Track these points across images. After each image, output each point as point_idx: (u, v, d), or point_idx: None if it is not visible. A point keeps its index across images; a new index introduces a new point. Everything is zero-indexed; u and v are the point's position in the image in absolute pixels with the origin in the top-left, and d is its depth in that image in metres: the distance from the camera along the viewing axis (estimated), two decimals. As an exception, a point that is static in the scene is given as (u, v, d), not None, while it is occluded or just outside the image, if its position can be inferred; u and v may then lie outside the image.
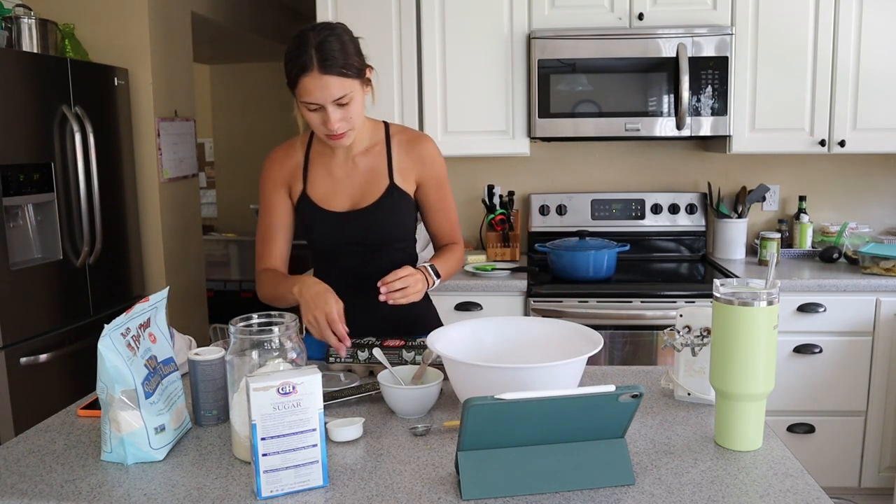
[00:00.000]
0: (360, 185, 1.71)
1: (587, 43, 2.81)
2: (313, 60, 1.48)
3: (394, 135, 1.74)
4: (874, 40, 2.82)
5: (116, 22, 3.42)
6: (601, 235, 3.11)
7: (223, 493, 1.10)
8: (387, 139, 1.73)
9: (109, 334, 1.17)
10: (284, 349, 1.23)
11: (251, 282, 5.56)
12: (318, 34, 1.51)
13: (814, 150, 2.91)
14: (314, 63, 1.48)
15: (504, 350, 1.50)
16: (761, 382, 1.19)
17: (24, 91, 2.71)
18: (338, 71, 1.50)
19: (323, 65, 1.48)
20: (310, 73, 1.49)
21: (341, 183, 1.71)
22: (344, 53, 1.51)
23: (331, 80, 1.50)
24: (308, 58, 1.49)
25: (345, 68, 1.51)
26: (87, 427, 1.36)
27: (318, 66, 1.48)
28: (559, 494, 1.08)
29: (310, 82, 1.50)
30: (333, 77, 1.50)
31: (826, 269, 2.87)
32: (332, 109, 1.53)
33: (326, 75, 1.49)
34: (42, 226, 2.85)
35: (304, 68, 1.49)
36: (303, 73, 1.50)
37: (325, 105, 1.52)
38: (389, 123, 1.77)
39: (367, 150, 1.72)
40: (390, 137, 1.74)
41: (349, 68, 1.51)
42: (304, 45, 1.50)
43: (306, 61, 1.49)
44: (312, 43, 1.49)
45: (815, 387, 2.75)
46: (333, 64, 1.49)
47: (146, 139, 3.52)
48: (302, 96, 1.53)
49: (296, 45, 1.52)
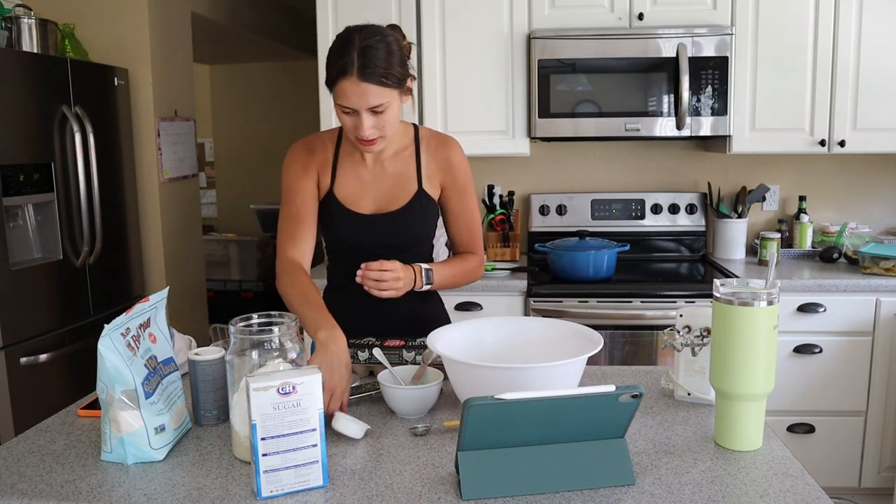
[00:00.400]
0: (388, 189, 1.69)
1: (587, 43, 2.81)
2: (354, 65, 1.45)
3: (423, 138, 1.72)
4: (874, 40, 2.82)
5: (116, 22, 3.42)
6: (601, 235, 3.11)
7: (223, 493, 1.10)
8: (416, 143, 1.71)
9: (109, 334, 1.17)
10: (284, 349, 1.23)
11: (251, 282, 5.57)
12: (365, 38, 1.47)
13: (814, 150, 2.91)
14: (354, 68, 1.45)
15: (504, 350, 1.50)
16: (761, 382, 1.19)
17: (24, 91, 2.71)
18: (377, 80, 1.46)
19: (363, 71, 1.45)
20: (349, 77, 1.45)
21: (369, 185, 1.69)
22: (387, 62, 1.47)
23: (369, 87, 1.46)
24: (349, 61, 1.45)
25: (385, 77, 1.47)
26: (87, 427, 1.36)
27: (357, 71, 1.45)
28: (559, 494, 1.08)
29: (347, 86, 1.46)
30: (372, 85, 1.46)
31: (826, 269, 2.87)
32: (366, 116, 1.50)
33: (365, 82, 1.45)
34: (42, 226, 2.85)
35: (343, 71, 1.46)
36: (342, 76, 1.46)
37: (359, 111, 1.49)
38: (418, 126, 1.74)
39: (397, 153, 1.70)
40: (419, 141, 1.71)
41: (389, 77, 1.47)
42: (347, 47, 1.46)
43: (347, 64, 1.45)
44: (356, 46, 1.46)
45: (815, 387, 2.75)
46: (374, 72, 1.45)
47: (146, 139, 3.52)
48: (338, 98, 1.50)
49: (339, 45, 1.49)
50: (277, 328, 1.23)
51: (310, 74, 4.10)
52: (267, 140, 6.62)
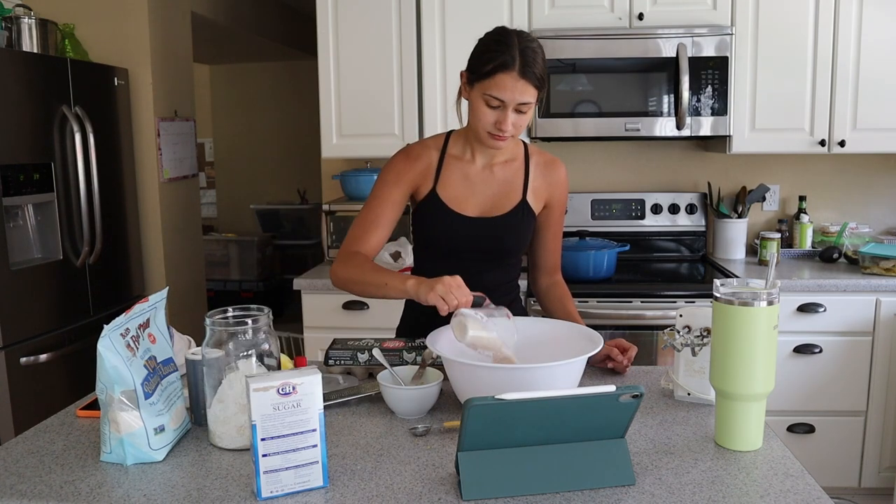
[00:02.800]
0: (493, 195, 1.72)
1: (587, 43, 2.81)
2: (517, 61, 1.52)
3: (532, 154, 1.77)
4: (874, 40, 2.82)
5: (116, 22, 3.42)
6: (601, 235, 3.11)
7: (223, 493, 1.10)
8: (525, 157, 1.76)
9: (109, 335, 1.17)
10: (258, 341, 1.25)
11: (251, 281, 5.58)
12: (523, 40, 1.55)
13: (814, 150, 2.91)
14: (517, 64, 1.52)
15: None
16: (761, 382, 1.19)
17: (24, 91, 2.71)
18: (535, 80, 1.54)
19: (524, 69, 1.52)
20: (510, 71, 1.52)
21: (475, 189, 1.71)
22: (543, 66, 1.56)
23: (526, 85, 1.53)
24: (513, 57, 1.52)
25: (539, 79, 1.55)
26: (87, 427, 1.36)
27: (520, 67, 1.52)
28: (560, 495, 1.08)
29: (507, 80, 1.53)
30: (528, 84, 1.53)
31: (826, 269, 2.87)
32: (511, 112, 1.56)
33: (524, 80, 1.53)
34: (42, 226, 2.85)
35: (505, 65, 1.53)
36: (503, 70, 1.53)
37: (508, 105, 1.55)
38: (527, 144, 1.79)
39: (507, 162, 1.74)
40: (529, 156, 1.76)
41: (541, 81, 1.56)
42: (508, 44, 1.54)
43: (510, 60, 1.52)
44: (517, 45, 1.53)
45: (815, 387, 2.75)
46: (533, 72, 1.53)
47: (146, 139, 3.52)
48: (491, 90, 1.54)
49: (497, 41, 1.56)
50: (251, 321, 1.25)
51: (310, 74, 4.09)
52: (267, 140, 6.63)
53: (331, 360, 1.62)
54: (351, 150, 3.02)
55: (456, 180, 1.71)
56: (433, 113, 2.96)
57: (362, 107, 2.98)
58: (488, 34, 1.60)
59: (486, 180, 1.72)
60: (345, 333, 2.83)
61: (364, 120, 2.99)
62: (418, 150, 1.74)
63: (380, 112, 2.98)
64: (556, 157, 1.79)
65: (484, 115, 1.58)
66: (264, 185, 6.58)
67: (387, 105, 2.97)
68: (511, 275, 1.82)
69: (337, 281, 1.66)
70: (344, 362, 1.61)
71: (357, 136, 3.00)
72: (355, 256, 1.65)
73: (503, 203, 1.71)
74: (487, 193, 1.71)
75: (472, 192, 1.71)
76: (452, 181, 1.71)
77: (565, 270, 2.79)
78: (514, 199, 1.72)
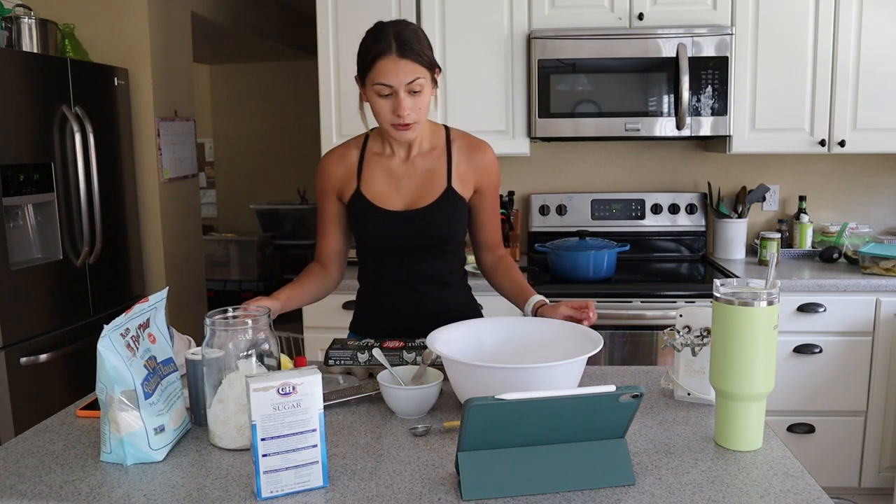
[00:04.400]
0: (417, 186, 1.72)
1: (587, 43, 2.81)
2: (392, 45, 1.55)
3: (454, 139, 1.76)
4: (874, 40, 2.82)
5: (116, 22, 3.42)
6: (601, 235, 3.11)
7: (223, 493, 1.10)
8: (447, 143, 1.75)
9: (109, 335, 1.17)
10: (257, 341, 1.25)
11: (251, 281, 5.59)
12: (396, 25, 1.59)
13: (814, 150, 2.91)
14: (393, 47, 1.55)
15: (504, 350, 1.50)
16: (761, 382, 1.19)
17: (24, 91, 2.71)
18: (414, 56, 1.56)
19: (401, 48, 1.55)
20: (388, 56, 1.55)
21: (399, 182, 1.72)
22: (420, 43, 1.59)
23: (407, 64, 1.56)
24: (387, 43, 1.55)
25: (420, 55, 1.57)
26: (87, 427, 1.36)
27: (396, 49, 1.55)
28: (560, 495, 1.08)
29: (386, 65, 1.55)
30: (409, 62, 1.56)
31: (826, 269, 2.87)
32: (405, 96, 1.57)
33: (403, 59, 1.55)
34: (42, 226, 2.85)
35: (381, 52, 1.55)
36: (380, 56, 1.55)
37: (398, 90, 1.57)
38: (450, 128, 1.79)
39: (427, 152, 1.74)
40: (451, 141, 1.75)
41: (424, 56, 1.58)
42: (382, 33, 1.57)
43: (384, 46, 1.55)
44: (391, 31, 1.57)
45: (815, 387, 2.75)
46: (410, 49, 1.56)
47: (146, 139, 3.52)
48: (376, 79, 1.57)
49: (373, 33, 1.59)
50: (251, 321, 1.25)
51: (310, 74, 4.09)
52: (267, 140, 6.63)
53: (331, 360, 1.62)
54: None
55: (379, 177, 1.72)
56: (433, 112, 2.95)
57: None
58: (367, 31, 1.63)
59: (409, 173, 1.72)
60: (345, 333, 2.82)
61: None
62: (338, 154, 1.76)
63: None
64: (483, 140, 1.78)
65: (381, 107, 1.60)
66: (264, 185, 6.58)
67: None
68: (454, 264, 1.81)
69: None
70: (344, 362, 1.61)
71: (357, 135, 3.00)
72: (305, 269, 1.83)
73: (428, 193, 1.71)
74: (411, 186, 1.72)
75: (396, 186, 1.72)
76: (375, 178, 1.72)
77: (564, 270, 2.81)
78: (439, 188, 1.71)
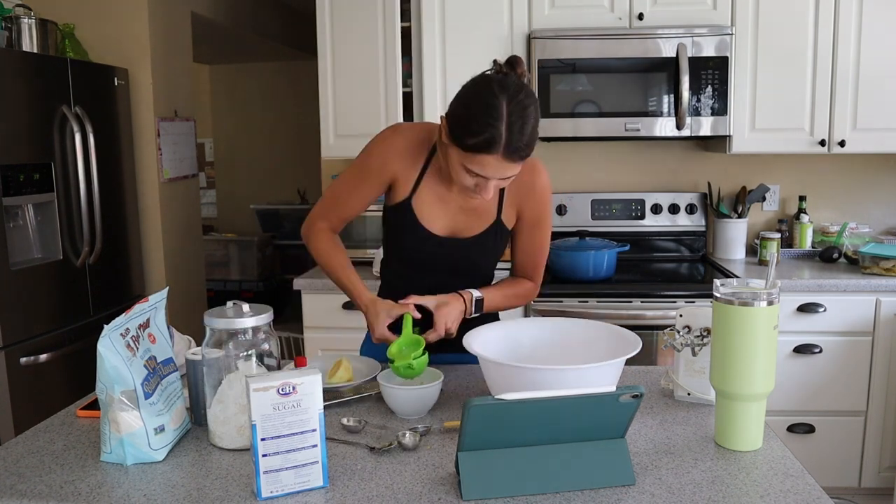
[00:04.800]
0: (466, 218, 1.62)
1: (587, 43, 2.81)
2: (501, 141, 1.35)
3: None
4: (874, 40, 2.82)
5: (116, 22, 3.42)
6: (601, 235, 3.11)
7: (223, 493, 1.10)
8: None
9: (109, 335, 1.17)
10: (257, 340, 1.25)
11: (251, 281, 5.57)
12: (512, 106, 1.35)
13: (814, 150, 2.91)
14: (501, 146, 1.35)
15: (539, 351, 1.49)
16: (761, 382, 1.19)
17: (24, 91, 2.71)
18: (520, 158, 1.39)
19: (510, 150, 1.36)
20: (493, 153, 1.36)
21: (449, 208, 1.61)
22: (532, 137, 1.38)
23: (511, 166, 1.39)
24: (497, 135, 1.34)
25: (527, 154, 1.40)
26: (87, 427, 1.36)
27: (504, 149, 1.35)
28: (560, 495, 1.08)
29: (489, 161, 1.38)
30: (514, 164, 1.39)
31: (826, 269, 2.87)
32: (495, 183, 1.44)
33: (509, 161, 1.38)
34: (42, 226, 2.85)
35: (488, 145, 1.35)
36: (486, 150, 1.36)
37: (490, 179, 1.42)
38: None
39: None
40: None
41: (530, 152, 1.41)
42: (493, 115, 1.34)
43: (494, 139, 1.34)
44: (503, 117, 1.34)
45: (815, 387, 2.75)
46: (520, 153, 1.38)
47: (146, 139, 3.52)
48: (472, 166, 1.40)
49: (483, 109, 1.36)
50: (252, 319, 1.24)
51: (310, 74, 4.09)
52: (267, 140, 6.62)
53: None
54: (348, 150, 3.02)
55: (431, 197, 1.60)
56: (433, 112, 2.95)
57: (358, 107, 2.99)
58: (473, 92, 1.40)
59: (461, 205, 1.61)
60: (344, 333, 2.83)
61: (358, 120, 2.99)
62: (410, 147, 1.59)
63: (382, 111, 2.99)
64: (537, 160, 1.60)
65: (462, 177, 1.44)
66: (264, 185, 6.58)
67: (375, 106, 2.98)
68: (483, 282, 1.73)
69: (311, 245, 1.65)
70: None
71: (353, 136, 3.00)
72: (333, 236, 1.67)
73: (475, 225, 1.62)
74: (461, 216, 1.62)
75: (446, 211, 1.61)
76: (428, 196, 1.60)
77: (564, 270, 2.81)
78: (487, 221, 1.62)
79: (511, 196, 1.62)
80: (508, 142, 1.35)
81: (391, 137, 1.61)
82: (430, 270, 1.65)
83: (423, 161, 1.60)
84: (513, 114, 1.35)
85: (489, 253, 1.67)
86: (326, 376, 1.51)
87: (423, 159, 1.60)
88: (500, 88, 1.37)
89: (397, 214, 1.62)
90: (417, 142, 1.60)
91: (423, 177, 1.60)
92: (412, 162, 1.59)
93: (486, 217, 1.62)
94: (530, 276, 1.73)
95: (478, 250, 1.64)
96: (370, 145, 1.62)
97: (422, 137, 1.60)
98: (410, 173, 1.59)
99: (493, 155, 1.36)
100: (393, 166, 1.59)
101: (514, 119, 1.35)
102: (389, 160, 1.59)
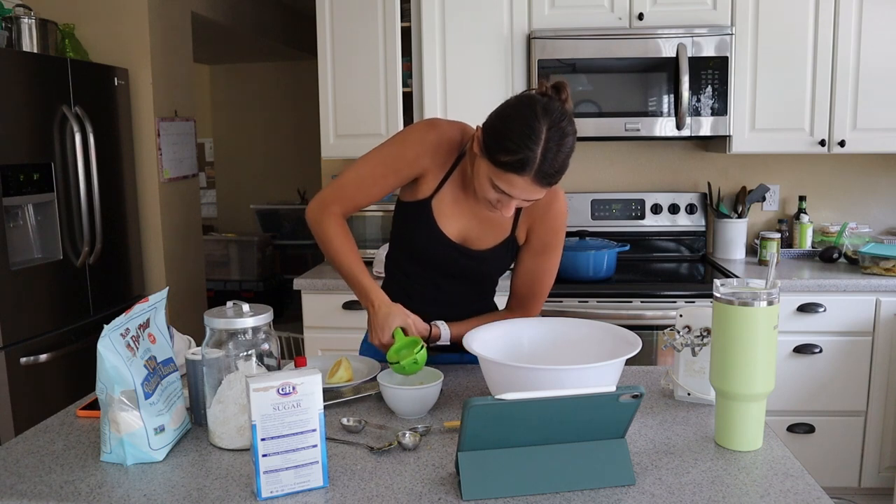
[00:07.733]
0: (481, 227, 1.61)
1: (587, 43, 2.81)
2: (534, 165, 1.35)
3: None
4: (874, 40, 2.82)
5: (116, 22, 3.42)
6: (601, 235, 3.11)
7: (223, 493, 1.10)
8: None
9: (109, 335, 1.17)
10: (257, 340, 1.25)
11: (251, 281, 5.57)
12: (551, 132, 1.35)
13: (814, 150, 2.91)
14: (534, 168, 1.35)
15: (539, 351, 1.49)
16: (761, 382, 1.19)
17: (24, 91, 2.71)
18: (549, 184, 1.40)
19: (541, 174, 1.36)
20: (524, 175, 1.36)
21: (465, 216, 1.60)
22: (564, 165, 1.38)
23: (539, 189, 1.40)
24: (531, 158, 1.34)
25: (556, 181, 1.40)
26: (87, 428, 1.36)
27: (535, 172, 1.36)
28: (560, 495, 1.08)
29: (518, 182, 1.38)
30: (541, 188, 1.40)
31: (826, 269, 2.87)
32: (518, 202, 1.44)
33: (537, 185, 1.38)
34: (42, 226, 2.85)
35: (522, 166, 1.35)
36: (516, 171, 1.36)
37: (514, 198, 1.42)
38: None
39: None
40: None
41: (559, 179, 1.41)
42: (532, 137, 1.34)
43: (527, 161, 1.34)
44: (540, 141, 1.34)
45: (815, 387, 2.75)
46: (550, 179, 1.38)
47: (146, 139, 3.52)
48: (500, 182, 1.39)
49: (523, 129, 1.35)
50: (253, 319, 1.24)
51: (310, 74, 4.09)
52: (267, 140, 6.63)
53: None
54: (347, 150, 3.03)
55: (451, 200, 1.60)
56: (433, 112, 2.95)
57: (358, 107, 2.99)
58: (516, 111, 1.39)
59: (478, 214, 1.60)
60: (344, 333, 2.84)
61: (358, 120, 2.99)
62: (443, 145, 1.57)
63: (382, 111, 2.99)
64: (558, 188, 1.58)
65: (487, 191, 1.44)
66: (264, 185, 6.58)
67: (375, 105, 2.97)
68: (487, 289, 1.74)
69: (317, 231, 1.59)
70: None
71: (353, 136, 3.00)
72: (345, 223, 1.61)
73: (489, 237, 1.61)
74: (476, 224, 1.60)
75: (462, 216, 1.60)
76: (449, 198, 1.59)
77: (564, 270, 2.80)
78: (500, 234, 1.61)
79: (525, 215, 1.61)
80: (541, 166, 1.35)
81: (429, 132, 1.58)
82: (437, 271, 1.64)
83: (452, 162, 1.58)
84: (551, 139, 1.35)
85: (498, 266, 1.66)
86: (326, 376, 1.51)
87: (451, 160, 1.58)
88: (544, 112, 1.36)
89: (414, 211, 1.61)
90: (450, 142, 1.58)
91: (447, 178, 1.59)
92: (442, 161, 1.58)
93: (500, 231, 1.61)
94: (525, 306, 1.70)
95: (488, 263, 1.63)
96: (405, 136, 1.59)
97: (455, 139, 1.59)
98: (438, 172, 1.58)
99: (524, 177, 1.36)
100: (425, 161, 1.57)
101: (551, 145, 1.35)
102: (423, 154, 1.56)
